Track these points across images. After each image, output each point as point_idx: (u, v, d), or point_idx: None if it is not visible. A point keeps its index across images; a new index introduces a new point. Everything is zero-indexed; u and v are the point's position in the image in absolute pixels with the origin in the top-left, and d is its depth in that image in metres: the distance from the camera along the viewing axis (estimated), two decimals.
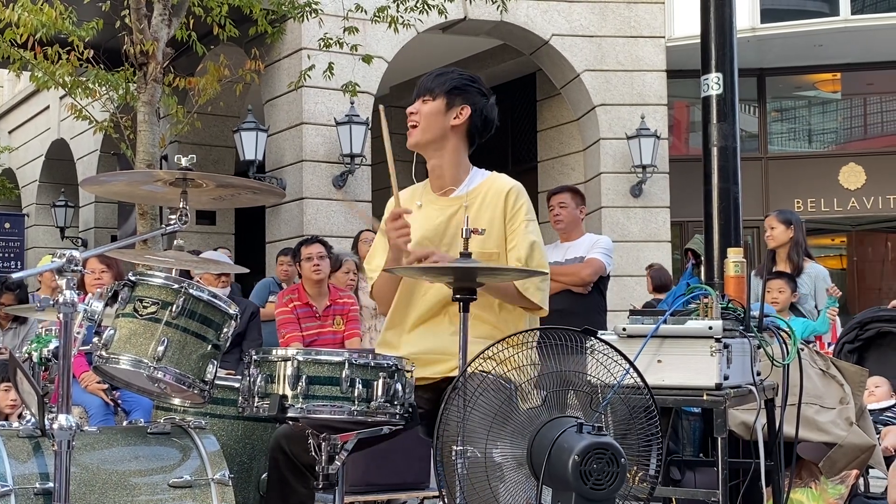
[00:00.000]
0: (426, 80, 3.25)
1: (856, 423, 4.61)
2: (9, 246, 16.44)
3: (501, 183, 3.21)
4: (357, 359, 2.76)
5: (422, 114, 3.21)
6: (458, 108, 3.20)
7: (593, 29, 12.90)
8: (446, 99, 3.19)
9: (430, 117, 3.20)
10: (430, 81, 3.23)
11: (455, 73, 3.25)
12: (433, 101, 3.20)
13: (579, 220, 5.95)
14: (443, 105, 3.19)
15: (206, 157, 12.97)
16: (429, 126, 3.20)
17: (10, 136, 20.10)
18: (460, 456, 2.55)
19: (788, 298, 5.95)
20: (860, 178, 14.03)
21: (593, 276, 5.69)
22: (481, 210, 3.15)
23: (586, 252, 5.75)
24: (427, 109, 3.20)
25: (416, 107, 3.23)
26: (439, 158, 3.24)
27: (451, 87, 3.20)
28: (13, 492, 2.67)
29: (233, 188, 3.10)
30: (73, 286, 2.62)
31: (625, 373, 2.67)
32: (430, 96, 3.20)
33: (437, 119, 3.20)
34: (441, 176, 3.25)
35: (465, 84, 3.22)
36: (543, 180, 13.95)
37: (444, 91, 3.19)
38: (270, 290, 8.21)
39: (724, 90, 5.32)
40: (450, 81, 3.21)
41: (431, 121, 3.20)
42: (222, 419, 3.50)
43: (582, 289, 5.68)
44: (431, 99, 3.20)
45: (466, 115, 3.20)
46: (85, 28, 9.25)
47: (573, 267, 5.71)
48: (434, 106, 3.20)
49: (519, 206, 3.15)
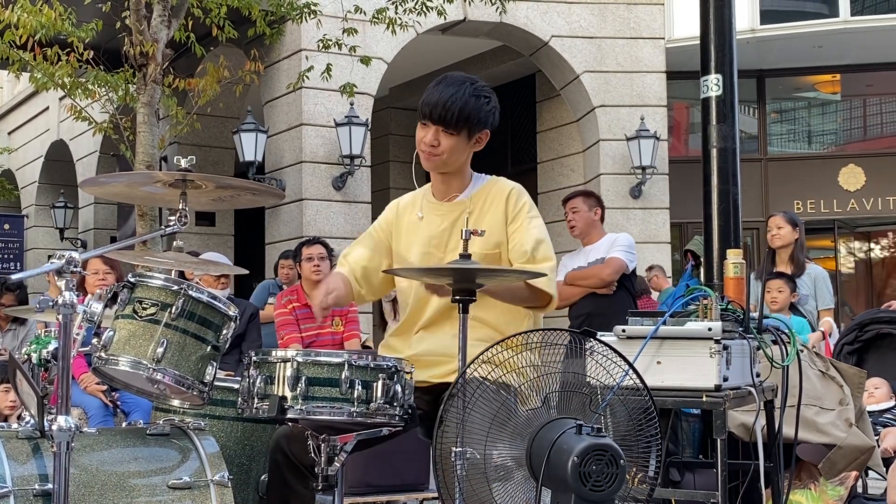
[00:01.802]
0: (449, 111, 3.03)
1: (855, 424, 4.61)
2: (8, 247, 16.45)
3: (502, 186, 3.20)
4: (356, 360, 2.76)
5: (445, 148, 3.08)
6: (479, 135, 3.12)
7: (593, 30, 12.90)
8: (468, 130, 3.08)
9: (455, 152, 3.10)
10: (453, 113, 3.03)
11: (472, 98, 3.06)
12: (457, 136, 3.07)
13: (595, 222, 5.90)
14: (464, 136, 3.09)
15: (205, 158, 12.98)
16: (453, 159, 3.12)
17: (9, 138, 20.10)
18: (459, 457, 2.55)
19: (788, 298, 5.96)
20: (860, 179, 14.03)
21: (614, 276, 5.66)
22: (483, 214, 3.15)
23: (606, 252, 5.73)
24: (451, 144, 3.07)
25: (436, 137, 3.07)
26: (452, 175, 3.21)
27: (475, 119, 3.06)
28: (12, 493, 2.67)
29: (232, 189, 3.10)
30: (72, 287, 2.62)
31: (624, 374, 2.67)
32: (455, 130, 3.06)
33: (459, 150, 3.11)
34: (449, 185, 3.22)
35: (486, 111, 3.09)
36: (543, 181, 13.95)
37: (467, 124, 3.06)
38: (270, 291, 8.20)
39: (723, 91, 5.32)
40: (473, 114, 3.05)
41: (455, 152, 3.10)
42: (221, 420, 3.49)
43: (606, 289, 5.66)
44: (455, 133, 3.07)
45: (486, 139, 3.15)
46: (84, 29, 9.26)
47: (593, 269, 5.69)
48: (458, 140, 3.08)
49: (521, 207, 3.14)
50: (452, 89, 3.06)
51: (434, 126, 3.07)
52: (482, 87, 3.12)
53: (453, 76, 3.13)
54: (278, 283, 8.47)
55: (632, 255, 5.76)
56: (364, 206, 11.94)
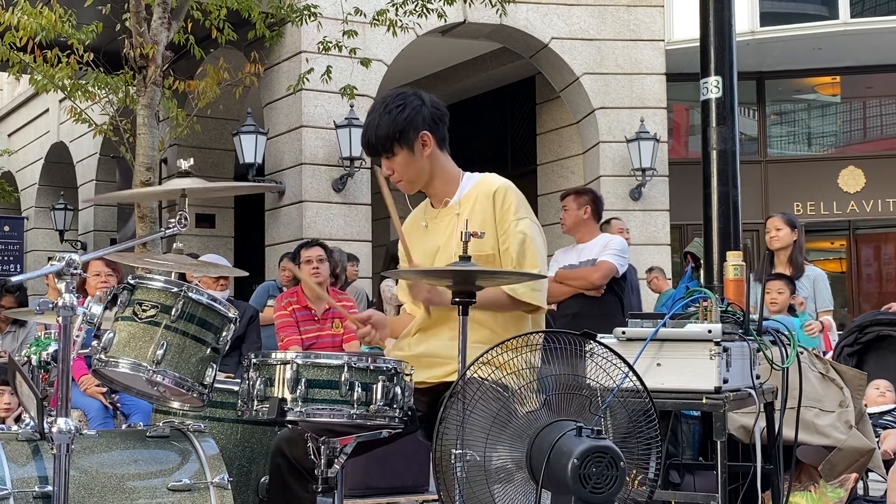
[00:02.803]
0: (372, 140, 3.11)
1: (855, 426, 4.61)
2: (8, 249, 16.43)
3: (489, 184, 3.19)
4: (356, 362, 2.76)
5: (399, 170, 3.13)
6: (419, 140, 3.12)
7: (593, 32, 12.91)
8: (403, 144, 3.10)
9: (407, 167, 3.13)
10: (374, 140, 3.10)
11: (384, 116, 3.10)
12: (396, 156, 3.11)
13: (585, 221, 5.93)
14: (406, 151, 3.11)
15: (205, 160, 12.98)
16: (410, 174, 3.15)
17: (9, 140, 20.10)
18: (459, 459, 2.55)
19: (787, 299, 5.95)
20: (859, 181, 14.03)
21: (604, 280, 5.69)
22: (473, 214, 3.14)
23: (598, 254, 5.76)
24: (401, 164, 3.12)
25: (387, 166, 3.14)
26: (431, 184, 3.23)
27: (396, 133, 3.08)
28: (12, 495, 2.67)
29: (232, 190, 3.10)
30: (72, 289, 2.62)
31: (624, 376, 2.67)
32: (391, 153, 3.11)
33: (412, 164, 3.13)
34: (436, 195, 3.24)
35: (404, 119, 3.09)
36: (543, 183, 13.95)
37: (396, 141, 3.09)
38: (270, 293, 8.19)
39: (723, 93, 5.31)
40: (391, 130, 3.08)
41: (410, 169, 3.14)
42: (221, 423, 3.50)
43: (595, 292, 5.68)
44: (393, 154, 3.11)
45: (430, 139, 3.14)
46: (84, 31, 9.26)
47: (583, 271, 5.72)
48: (401, 158, 3.11)
49: (507, 206, 3.13)
50: (369, 118, 3.16)
51: (378, 157, 3.16)
52: (392, 99, 3.14)
53: (372, 107, 3.21)
54: (278, 284, 8.46)
55: (623, 260, 5.81)
56: (364, 207, 11.94)
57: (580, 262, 5.79)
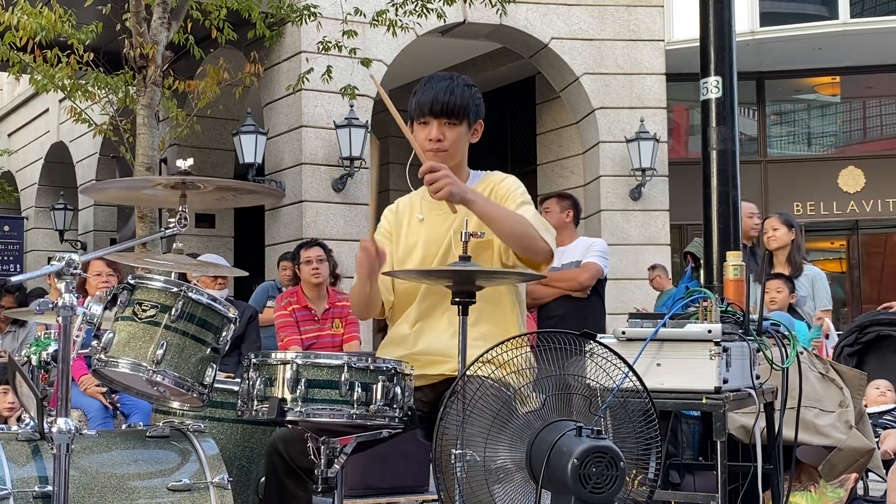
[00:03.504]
0: (449, 102, 3.11)
1: (855, 426, 4.61)
2: (8, 249, 16.44)
3: (495, 178, 3.23)
4: (356, 362, 2.75)
5: (450, 140, 3.13)
6: (476, 125, 3.19)
7: (592, 32, 12.91)
8: (469, 120, 3.15)
9: (459, 143, 3.15)
10: (454, 101, 3.11)
11: (464, 86, 3.16)
12: (459, 126, 3.13)
13: (567, 225, 5.98)
14: (467, 127, 3.16)
15: (205, 160, 12.98)
16: (457, 151, 3.16)
17: (9, 139, 20.11)
18: (459, 459, 2.55)
19: (786, 298, 5.95)
20: (859, 181, 14.04)
21: (591, 281, 5.72)
22: None
23: (582, 256, 5.79)
24: (455, 135, 3.13)
25: (441, 132, 3.12)
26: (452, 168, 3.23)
27: (473, 107, 3.14)
28: (12, 495, 2.67)
29: (232, 190, 3.10)
30: (72, 289, 2.62)
31: (624, 376, 2.67)
32: (457, 119, 3.12)
33: (463, 142, 3.17)
34: None
35: (479, 101, 3.18)
36: (543, 183, 13.95)
37: (468, 114, 3.13)
38: (269, 294, 8.19)
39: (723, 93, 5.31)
40: (471, 102, 3.13)
41: (459, 145, 3.16)
42: (221, 422, 3.50)
43: (581, 293, 5.71)
44: (458, 123, 3.13)
45: (481, 130, 3.21)
46: (84, 31, 9.26)
47: (571, 272, 5.74)
48: (461, 130, 3.14)
49: (511, 191, 3.16)
50: (445, 83, 3.15)
51: (436, 120, 3.13)
52: (464, 79, 3.21)
53: (438, 75, 3.22)
54: (278, 284, 8.46)
55: (607, 261, 5.87)
56: (364, 207, 11.93)
57: (562, 265, 5.81)
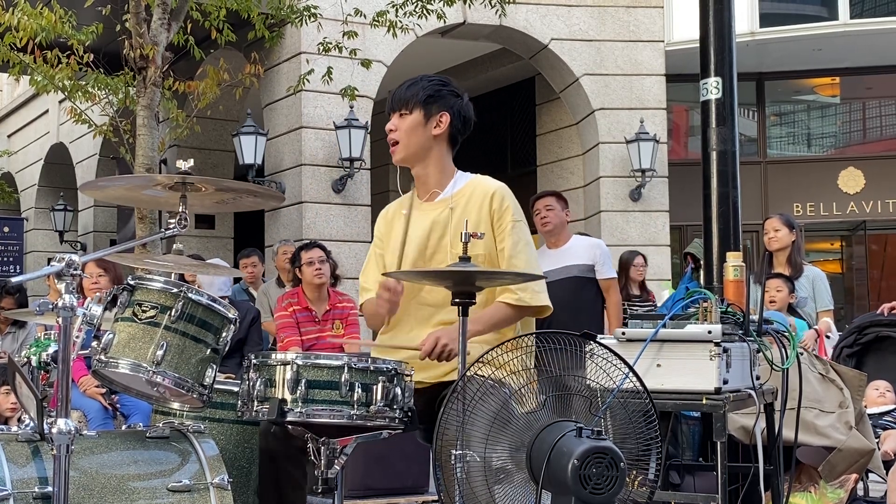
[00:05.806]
0: (399, 93, 3.19)
1: (855, 427, 4.61)
2: (8, 250, 16.44)
3: (486, 185, 3.21)
4: (356, 363, 2.76)
5: (401, 130, 3.17)
6: (437, 117, 3.17)
7: (592, 33, 12.91)
8: (423, 110, 3.15)
9: (411, 132, 3.17)
10: (404, 93, 3.17)
11: (425, 80, 3.20)
12: (410, 115, 3.16)
13: (566, 223, 6.06)
14: (421, 117, 3.16)
15: (205, 161, 12.98)
16: (410, 141, 3.18)
17: (9, 140, 20.10)
18: (459, 460, 2.55)
19: (786, 298, 5.95)
20: (859, 182, 14.03)
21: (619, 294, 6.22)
22: (466, 211, 3.14)
23: (589, 260, 5.90)
24: (406, 125, 3.17)
25: (394, 123, 3.18)
26: (424, 167, 3.23)
27: (425, 96, 3.15)
28: (12, 496, 2.67)
29: (232, 192, 3.10)
30: (72, 290, 2.62)
31: (624, 377, 2.67)
32: (407, 109, 3.16)
33: (417, 132, 3.17)
34: (426, 182, 3.25)
35: (438, 90, 3.18)
36: (543, 184, 13.93)
37: (420, 101, 3.15)
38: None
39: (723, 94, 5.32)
40: (423, 90, 3.16)
41: (412, 135, 3.17)
42: (221, 423, 3.49)
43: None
44: (408, 112, 3.16)
45: (446, 121, 3.18)
46: (84, 32, 9.25)
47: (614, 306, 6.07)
48: (412, 119, 3.16)
49: (505, 208, 3.15)
50: (409, 82, 3.21)
51: (393, 114, 3.19)
52: (439, 77, 3.23)
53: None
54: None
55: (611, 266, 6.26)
56: (363, 208, 11.93)
57: (558, 267, 5.84)
